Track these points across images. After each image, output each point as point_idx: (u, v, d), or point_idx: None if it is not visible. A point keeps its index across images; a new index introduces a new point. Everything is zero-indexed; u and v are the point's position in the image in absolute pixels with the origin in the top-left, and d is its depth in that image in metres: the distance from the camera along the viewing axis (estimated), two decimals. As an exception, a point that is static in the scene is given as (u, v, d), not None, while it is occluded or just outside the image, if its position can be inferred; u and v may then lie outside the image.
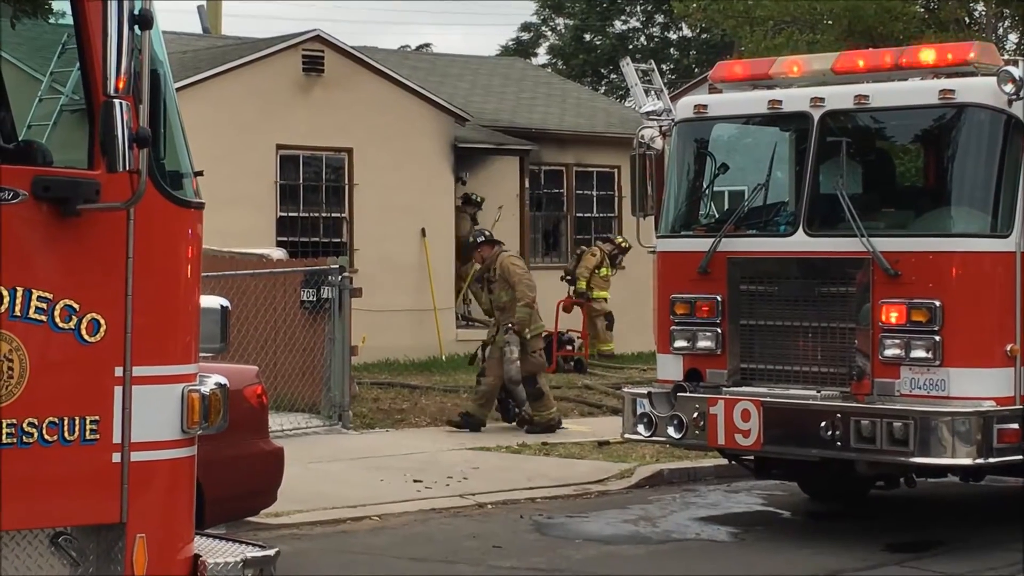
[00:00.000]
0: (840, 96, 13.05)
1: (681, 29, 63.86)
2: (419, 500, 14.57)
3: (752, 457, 13.91)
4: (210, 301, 7.47)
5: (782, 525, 14.33)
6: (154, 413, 6.73)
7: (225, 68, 25.55)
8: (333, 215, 26.53)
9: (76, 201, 6.43)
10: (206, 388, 6.93)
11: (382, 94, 26.69)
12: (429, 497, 14.69)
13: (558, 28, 65.84)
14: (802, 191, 13.12)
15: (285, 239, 25.45)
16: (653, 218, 14.25)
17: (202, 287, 7.11)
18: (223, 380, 7.09)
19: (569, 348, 25.91)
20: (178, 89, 7.36)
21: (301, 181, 26.28)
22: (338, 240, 26.37)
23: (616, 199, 30.50)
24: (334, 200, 26.61)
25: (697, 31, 61.61)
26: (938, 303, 12.24)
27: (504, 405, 19.11)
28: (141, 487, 6.68)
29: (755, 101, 13.68)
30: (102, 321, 6.57)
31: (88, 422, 6.55)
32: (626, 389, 14.77)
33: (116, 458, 6.63)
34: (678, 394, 13.24)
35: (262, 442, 11.37)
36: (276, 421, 16.04)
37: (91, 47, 6.50)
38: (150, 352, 6.71)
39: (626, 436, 14.05)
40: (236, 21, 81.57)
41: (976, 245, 12.44)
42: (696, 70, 57.93)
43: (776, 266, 13.15)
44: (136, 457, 6.66)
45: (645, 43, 64.57)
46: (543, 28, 66.06)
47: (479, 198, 28.15)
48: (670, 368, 13.70)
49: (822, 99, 13.05)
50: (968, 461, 12.14)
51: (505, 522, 13.89)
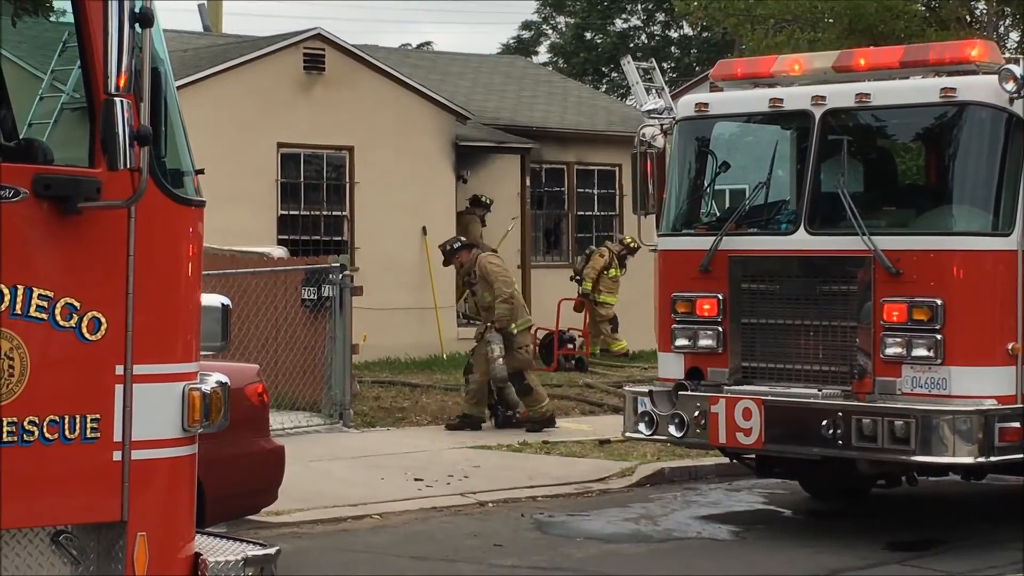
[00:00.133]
0: (841, 94, 13.04)
1: (682, 27, 63.89)
2: (420, 499, 14.57)
3: (753, 456, 13.91)
4: (211, 299, 7.47)
5: (783, 524, 14.33)
6: (155, 411, 6.73)
7: (226, 66, 25.55)
8: (334, 213, 26.53)
9: (77, 199, 6.42)
10: (207, 386, 6.93)
11: (383, 92, 26.69)
12: (430, 496, 14.69)
13: (559, 26, 65.87)
14: (803, 189, 13.11)
15: (286, 237, 25.45)
16: (654, 216, 14.24)
17: (203, 285, 7.11)
18: (224, 378, 7.09)
19: (570, 347, 25.90)
20: (179, 87, 7.35)
21: (302, 179, 26.28)
22: (339, 238, 26.36)
23: (617, 197, 30.50)
24: (335, 198, 26.60)
25: (698, 29, 61.63)
26: (939, 302, 12.23)
27: (493, 409, 19.05)
28: (142, 485, 6.68)
29: (756, 99, 13.68)
30: (103, 319, 6.56)
31: (89, 420, 6.55)
32: (627, 388, 14.77)
33: (117, 456, 6.62)
34: (679, 393, 13.24)
35: (263, 440, 11.37)
36: (277, 419, 16.03)
37: (92, 45, 6.50)
38: (151, 350, 6.70)
39: (627, 435, 14.05)
40: (237, 19, 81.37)
41: (977, 244, 12.44)
42: (697, 68, 57.92)
43: (777, 264, 13.15)
44: (137, 455, 6.66)
45: (646, 41, 64.59)
46: (544, 26, 66.08)
47: (488, 199, 28.03)
48: (671, 367, 13.70)
49: (823, 97, 13.05)
50: (969, 460, 12.14)
51: (506, 520, 13.89)
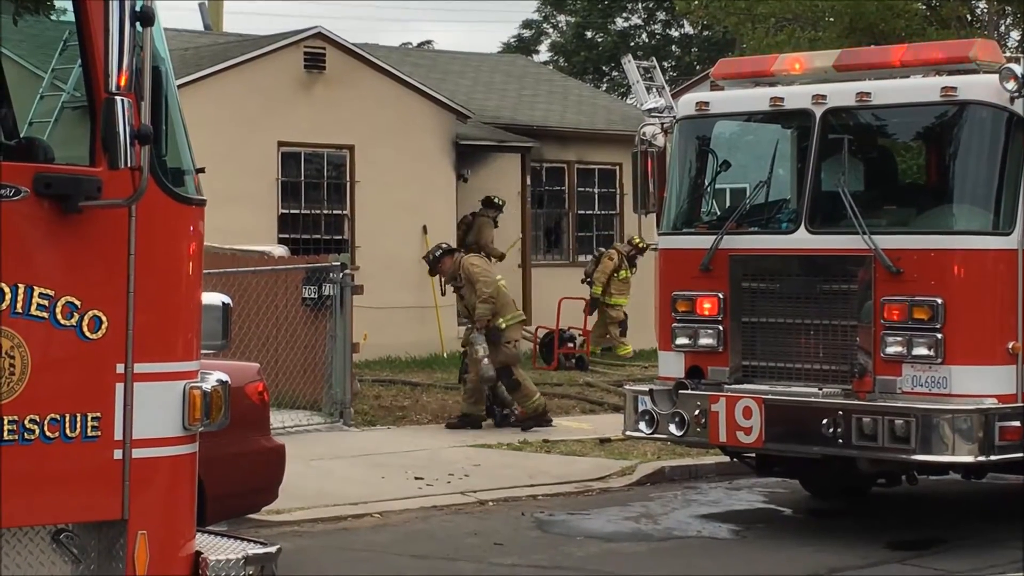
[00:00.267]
0: (842, 93, 13.04)
1: (683, 26, 63.91)
2: (420, 497, 14.57)
3: (754, 454, 13.91)
4: (212, 298, 7.47)
5: (783, 522, 14.33)
6: (156, 410, 6.73)
7: (227, 65, 25.55)
8: (334, 212, 26.53)
9: (78, 198, 6.42)
10: (208, 385, 6.93)
11: (384, 91, 26.69)
12: (430, 494, 14.69)
13: (560, 25, 65.88)
14: (804, 188, 13.11)
15: (287, 236, 25.45)
16: (655, 215, 14.25)
17: (204, 284, 7.11)
18: (225, 377, 7.09)
19: (571, 345, 25.91)
20: (179, 86, 7.36)
21: (303, 178, 26.28)
22: (339, 237, 26.37)
23: (618, 196, 30.50)
24: (335, 197, 26.61)
25: (699, 28, 61.65)
26: (940, 301, 12.24)
27: (490, 410, 19.04)
28: (142, 484, 6.68)
29: (757, 98, 13.68)
30: (103, 318, 6.56)
31: (90, 419, 6.55)
32: (628, 386, 14.77)
33: (118, 455, 6.62)
34: (680, 391, 13.24)
35: (263, 439, 11.37)
36: (277, 418, 16.03)
37: (93, 44, 6.50)
38: (152, 349, 6.71)
39: (628, 433, 14.05)
40: (238, 18, 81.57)
41: (978, 243, 12.44)
42: (698, 67, 57.96)
43: (778, 263, 13.15)
44: (137, 454, 6.66)
45: (647, 40, 64.60)
46: (544, 25, 66.09)
47: (500, 200, 27.99)
48: (672, 365, 13.70)
49: (824, 96, 13.05)
50: (970, 459, 12.14)
51: (506, 519, 13.89)
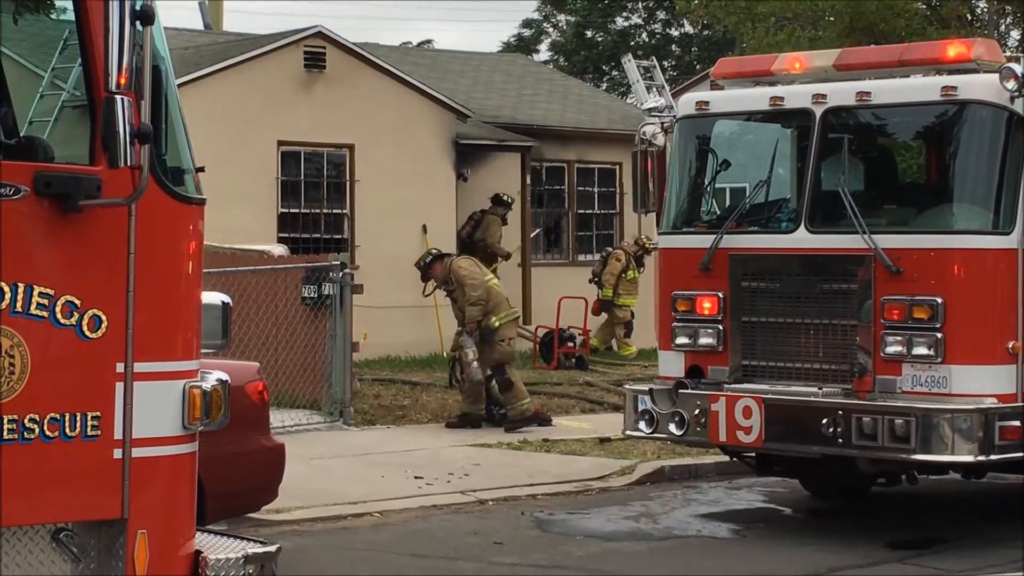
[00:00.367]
0: (842, 93, 13.04)
1: (683, 26, 63.90)
2: (420, 496, 14.57)
3: (753, 454, 13.91)
4: (211, 297, 7.47)
5: (783, 522, 14.33)
6: (155, 409, 6.73)
7: (227, 64, 25.54)
8: (334, 211, 26.52)
9: (77, 197, 6.42)
10: (207, 384, 6.93)
11: (384, 90, 26.69)
12: (430, 493, 14.69)
13: (560, 25, 65.87)
14: (804, 188, 13.11)
15: (286, 235, 25.43)
16: (655, 215, 14.25)
17: (203, 283, 7.11)
18: (224, 376, 7.09)
19: (571, 345, 25.90)
20: (179, 85, 7.35)
21: (302, 177, 26.27)
22: (339, 236, 26.36)
23: (618, 196, 30.49)
24: (335, 196, 26.60)
25: (699, 28, 61.64)
26: (940, 300, 12.23)
27: (488, 411, 19.02)
28: (142, 483, 6.68)
29: (757, 98, 13.68)
30: (103, 317, 6.56)
31: (89, 418, 6.55)
32: (627, 386, 14.78)
33: (117, 454, 6.62)
34: (679, 391, 13.24)
35: (263, 438, 11.37)
36: (277, 417, 16.03)
37: (93, 43, 6.50)
38: (151, 348, 6.71)
39: (627, 433, 14.05)
40: (238, 17, 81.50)
41: (978, 242, 12.44)
42: (698, 67, 57.96)
43: (778, 263, 13.15)
44: (137, 453, 6.66)
45: (647, 40, 64.59)
46: (544, 25, 66.08)
47: (510, 198, 28.01)
48: (672, 365, 13.70)
49: (824, 96, 13.05)
50: (969, 458, 12.15)
51: (506, 519, 13.89)
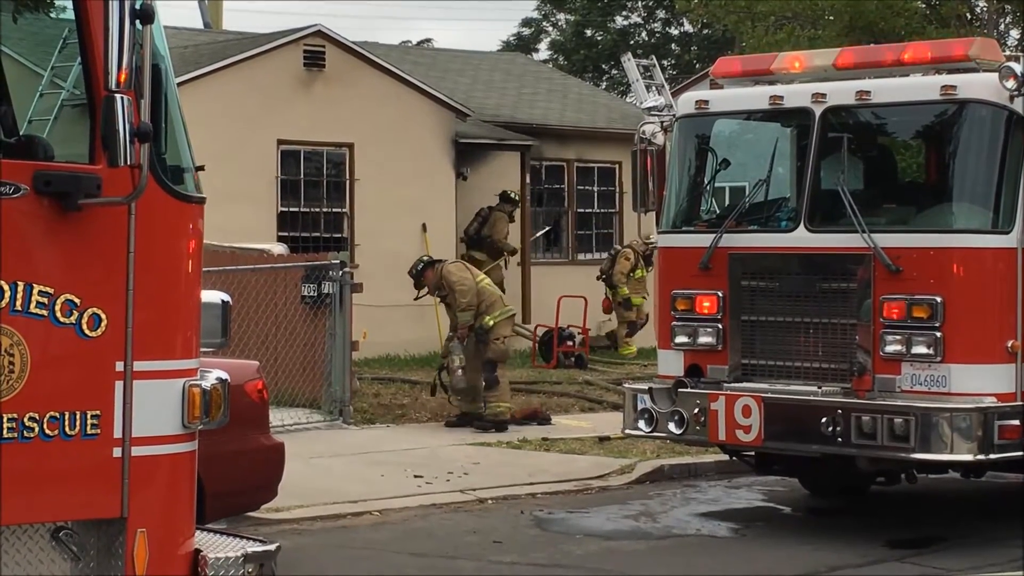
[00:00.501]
0: (841, 92, 13.04)
1: (682, 25, 63.91)
2: (419, 495, 14.57)
3: (753, 453, 13.91)
4: (211, 296, 7.47)
5: (783, 521, 14.33)
6: (155, 408, 6.73)
7: (226, 63, 25.53)
8: (334, 210, 26.52)
9: (77, 196, 6.43)
10: (207, 383, 6.93)
11: (383, 89, 26.68)
12: (429, 492, 14.69)
13: (559, 24, 65.86)
14: (803, 187, 13.11)
15: (286, 234, 25.43)
16: (654, 214, 14.25)
17: (203, 282, 7.11)
18: (224, 375, 7.09)
19: (570, 344, 25.90)
20: (179, 84, 7.35)
21: (302, 176, 26.27)
22: (339, 235, 26.36)
23: (617, 195, 30.49)
24: (335, 195, 26.59)
25: (698, 27, 61.65)
26: (939, 299, 12.24)
27: None
28: (142, 482, 6.68)
29: (756, 97, 13.68)
30: (103, 316, 6.57)
31: (89, 417, 6.55)
32: (627, 385, 14.78)
33: (117, 453, 6.63)
34: (679, 390, 13.24)
35: (263, 437, 11.37)
36: (277, 416, 16.03)
37: (92, 42, 6.50)
38: (151, 347, 6.71)
39: (627, 432, 14.05)
40: (237, 16, 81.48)
41: (977, 241, 12.44)
42: (697, 66, 57.96)
43: (777, 262, 13.15)
44: (137, 452, 6.66)
45: (646, 39, 64.59)
46: (544, 24, 66.07)
47: (517, 196, 28.07)
48: (671, 364, 13.69)
49: (823, 95, 13.05)
50: (969, 457, 12.15)
51: (506, 517, 13.90)
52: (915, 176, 15.70)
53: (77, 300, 6.50)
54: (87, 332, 6.53)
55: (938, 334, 12.22)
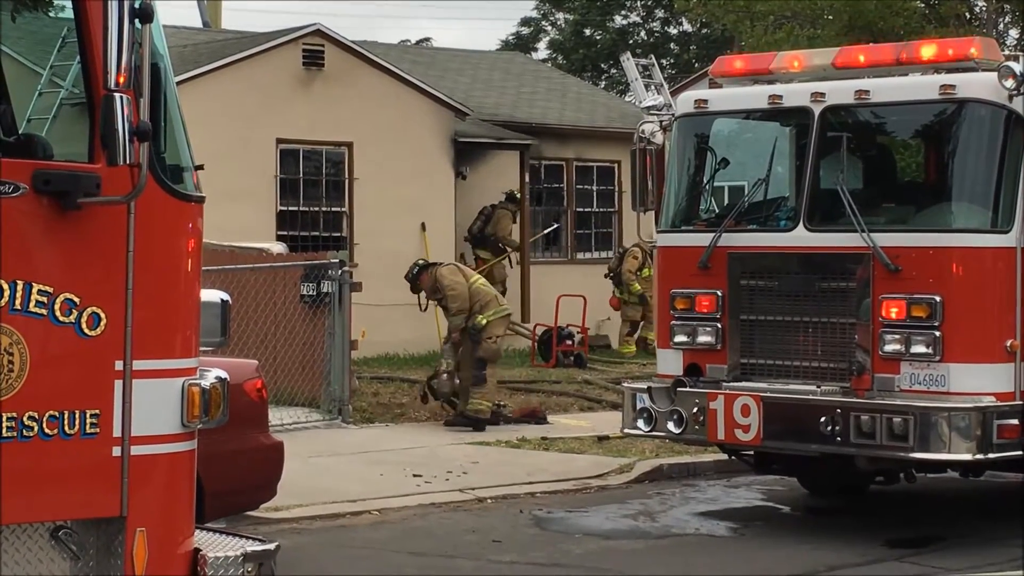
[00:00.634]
0: (841, 91, 13.04)
1: (681, 24, 63.88)
2: (419, 494, 14.56)
3: (752, 452, 13.91)
4: (210, 295, 7.46)
5: (782, 520, 14.33)
6: (154, 407, 6.73)
7: (225, 62, 25.53)
8: (333, 209, 26.52)
9: (76, 195, 6.42)
10: (206, 382, 6.93)
11: (382, 88, 26.68)
12: (429, 491, 14.69)
13: (558, 23, 65.85)
14: (802, 186, 13.11)
15: (285, 233, 25.43)
16: (653, 213, 14.25)
17: (202, 281, 7.11)
18: (223, 374, 7.08)
19: (569, 343, 25.91)
20: (178, 83, 7.34)
21: (301, 175, 26.27)
22: (338, 234, 26.36)
23: (616, 194, 30.49)
24: (334, 194, 26.59)
25: (697, 26, 61.63)
26: (938, 298, 12.24)
27: (496, 409, 18.97)
28: (141, 481, 6.68)
29: (755, 96, 13.68)
30: (102, 315, 6.56)
31: (88, 416, 6.55)
32: (626, 384, 14.79)
33: (116, 452, 6.62)
34: (678, 389, 13.24)
35: (262, 436, 11.37)
36: (276, 415, 16.03)
37: (92, 41, 6.50)
38: (150, 346, 6.70)
39: (626, 431, 14.05)
40: (236, 15, 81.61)
41: (976, 240, 12.44)
42: (696, 65, 57.93)
43: (776, 261, 13.15)
44: (136, 451, 6.66)
45: (645, 38, 64.58)
46: (543, 23, 66.06)
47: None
48: (670, 363, 13.69)
49: (823, 94, 13.05)
50: (968, 456, 12.15)
51: (505, 516, 13.89)
52: (914, 175, 15.71)
53: (76, 299, 6.50)
54: (86, 331, 6.53)
55: (937, 333, 12.22)
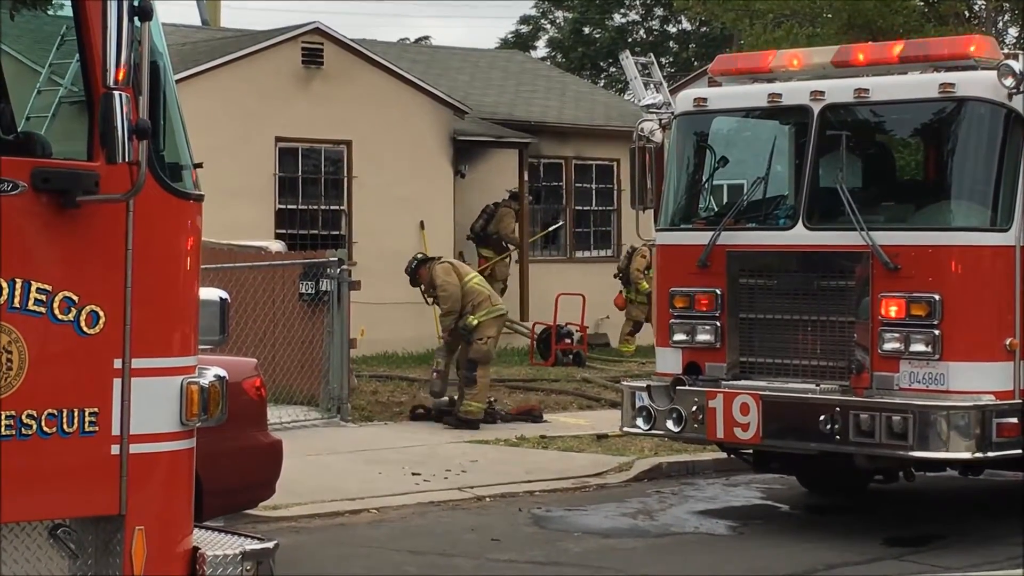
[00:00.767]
0: (840, 89, 13.03)
1: (680, 22, 63.87)
2: (417, 493, 14.56)
3: (751, 451, 13.91)
4: (209, 293, 7.46)
5: (781, 519, 14.33)
6: (153, 405, 6.72)
7: (224, 60, 25.53)
8: (332, 208, 26.52)
9: (75, 193, 6.42)
10: (205, 380, 6.92)
11: (381, 87, 26.68)
12: (427, 490, 14.69)
13: (557, 21, 65.83)
14: (802, 185, 13.11)
15: (284, 232, 25.44)
16: (652, 211, 14.24)
17: (201, 279, 7.10)
18: (222, 372, 7.08)
19: (568, 341, 25.91)
20: (177, 81, 7.34)
21: (300, 174, 26.27)
22: (337, 233, 26.37)
23: (615, 192, 30.49)
24: (333, 193, 26.59)
25: (696, 24, 61.61)
26: (937, 297, 12.23)
27: (489, 408, 18.93)
28: (140, 479, 6.67)
29: (755, 94, 13.67)
30: (101, 313, 6.56)
31: (87, 414, 6.54)
32: (625, 382, 14.78)
33: (115, 450, 6.62)
34: (677, 387, 13.23)
35: (261, 435, 11.36)
36: (275, 414, 16.02)
37: (91, 38, 6.49)
38: (149, 344, 6.70)
39: (625, 429, 14.06)
40: (235, 13, 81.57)
41: (976, 239, 12.44)
42: (695, 63, 57.92)
43: (775, 259, 13.15)
44: (135, 449, 6.65)
45: (644, 36, 64.56)
46: (542, 21, 66.05)
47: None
48: (669, 361, 13.69)
49: (822, 92, 13.04)
50: (967, 455, 12.15)
51: (504, 515, 13.89)
52: (913, 174, 15.70)
53: (75, 297, 6.50)
54: (85, 329, 6.53)
55: (936, 332, 12.22)
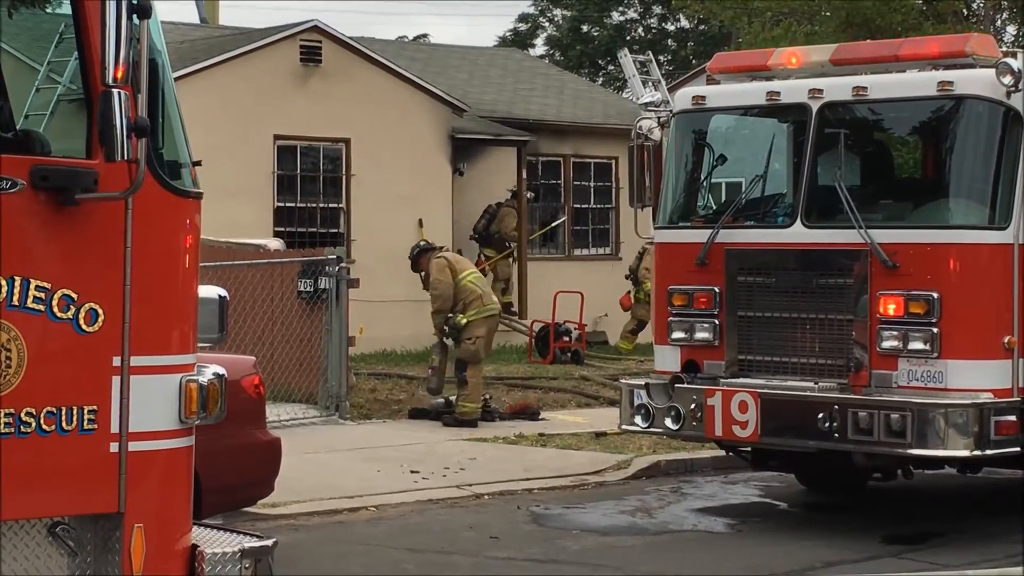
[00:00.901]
0: (838, 88, 13.03)
1: (679, 20, 63.84)
2: (416, 491, 14.57)
3: (749, 448, 13.91)
4: (208, 291, 7.46)
5: (779, 516, 14.33)
6: (152, 403, 6.72)
7: (223, 58, 25.54)
8: (330, 206, 26.53)
9: (74, 191, 6.42)
10: (204, 378, 6.92)
11: (380, 85, 26.68)
12: (426, 488, 14.70)
13: (556, 19, 65.82)
14: (800, 183, 13.11)
15: (282, 230, 25.45)
16: (651, 209, 14.24)
17: (200, 277, 7.10)
18: (221, 370, 7.08)
19: (566, 339, 25.92)
20: (175, 79, 7.34)
21: (298, 172, 26.28)
22: (335, 231, 26.37)
23: (614, 190, 30.50)
24: (331, 191, 26.60)
25: (695, 22, 61.59)
26: (936, 295, 12.24)
27: (486, 407, 18.93)
28: (139, 477, 6.67)
29: (753, 92, 13.68)
30: (100, 311, 6.56)
31: (86, 412, 6.54)
32: (623, 380, 14.78)
33: (114, 448, 6.62)
34: (675, 385, 13.24)
35: (259, 432, 11.37)
36: (273, 412, 16.01)
37: (89, 36, 6.49)
38: (148, 342, 6.70)
39: (623, 427, 14.06)
40: (233, 11, 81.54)
41: (974, 237, 12.44)
42: (694, 61, 57.91)
43: (774, 257, 13.15)
44: (134, 447, 6.65)
45: (643, 34, 64.55)
46: (541, 19, 66.03)
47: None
48: (668, 359, 13.69)
49: (820, 91, 13.05)
50: (965, 453, 12.16)
51: (502, 513, 13.90)
52: (912, 172, 15.70)
53: (74, 295, 6.50)
54: (84, 327, 6.53)
55: (935, 330, 12.22)
